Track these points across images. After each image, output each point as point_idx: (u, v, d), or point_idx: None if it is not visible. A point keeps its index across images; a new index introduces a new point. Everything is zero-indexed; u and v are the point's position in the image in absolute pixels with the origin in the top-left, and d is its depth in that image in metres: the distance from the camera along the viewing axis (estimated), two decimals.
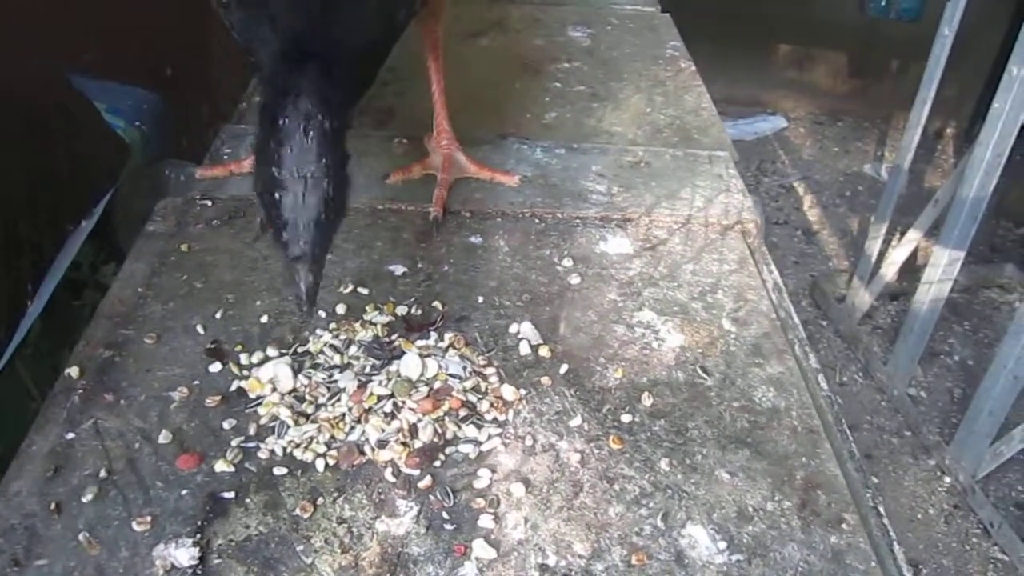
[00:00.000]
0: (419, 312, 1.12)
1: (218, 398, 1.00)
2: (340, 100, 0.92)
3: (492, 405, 0.99)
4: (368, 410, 0.97)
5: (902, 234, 2.83)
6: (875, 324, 2.98)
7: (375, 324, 1.09)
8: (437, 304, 1.13)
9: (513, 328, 1.10)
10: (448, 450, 0.94)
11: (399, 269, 1.19)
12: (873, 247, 2.80)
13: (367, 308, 1.12)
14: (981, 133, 2.25)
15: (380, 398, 0.98)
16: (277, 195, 0.86)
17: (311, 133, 0.86)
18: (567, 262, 1.22)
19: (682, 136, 1.54)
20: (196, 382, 1.02)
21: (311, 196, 0.86)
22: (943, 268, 2.42)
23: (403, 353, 1.03)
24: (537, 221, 1.30)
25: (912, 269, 2.88)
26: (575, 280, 1.19)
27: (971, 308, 3.06)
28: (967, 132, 3.80)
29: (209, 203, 1.30)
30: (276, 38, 0.95)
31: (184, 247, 1.22)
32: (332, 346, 1.05)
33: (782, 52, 4.09)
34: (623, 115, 1.59)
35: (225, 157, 1.39)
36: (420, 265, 1.20)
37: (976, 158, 2.27)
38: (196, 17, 2.16)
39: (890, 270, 2.80)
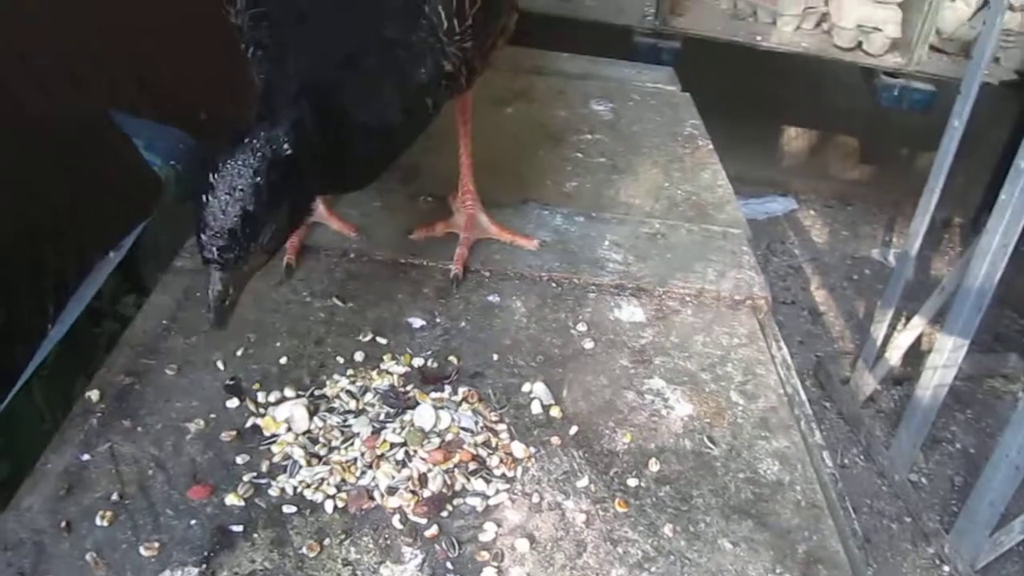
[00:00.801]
0: (435, 365, 1.14)
1: (233, 433, 1.02)
2: (319, 147, 0.95)
3: (502, 461, 1.01)
4: (380, 456, 0.99)
5: (908, 320, 2.86)
6: (878, 408, 2.99)
7: (392, 373, 1.11)
8: (453, 359, 1.16)
9: (526, 387, 1.12)
10: (456, 501, 0.96)
11: (418, 322, 1.22)
12: (878, 331, 2.83)
13: (384, 357, 1.14)
14: (988, 223, 2.29)
15: (392, 445, 1.00)
16: (205, 197, 0.89)
17: (259, 154, 0.90)
18: (581, 326, 1.25)
19: (698, 211, 1.58)
20: (213, 416, 1.04)
21: (232, 207, 0.88)
22: (947, 355, 2.45)
23: (418, 404, 1.05)
24: (554, 285, 1.33)
25: (917, 355, 2.89)
26: (588, 344, 1.22)
27: (974, 396, 3.07)
28: (974, 222, 3.85)
29: None
30: (286, 72, 0.99)
31: None
32: (349, 391, 1.08)
33: (795, 135, 4.17)
34: (641, 188, 1.64)
35: None
36: (438, 320, 1.23)
37: (982, 248, 2.31)
38: (232, 66, 2.24)
39: (895, 355, 2.83)
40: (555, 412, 1.09)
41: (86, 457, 0.97)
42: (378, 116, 1.03)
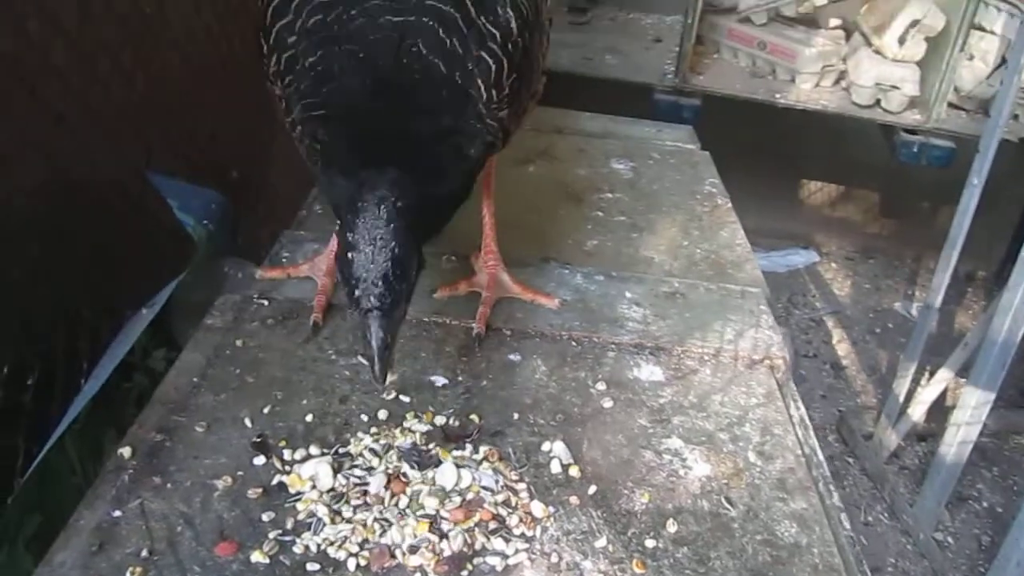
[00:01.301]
0: (457, 423, 1.17)
1: (260, 490, 1.04)
2: (413, 203, 1.03)
3: (521, 520, 1.02)
4: (402, 514, 1.01)
5: (931, 374, 2.84)
6: (902, 464, 2.96)
7: (414, 432, 1.14)
8: (474, 417, 1.18)
9: (546, 446, 1.14)
10: (476, 560, 0.98)
11: (440, 380, 1.25)
12: (901, 386, 2.82)
13: (407, 415, 1.17)
14: (1011, 277, 2.29)
15: (414, 504, 1.02)
16: (350, 255, 0.99)
17: (383, 207, 1.00)
18: (600, 385, 1.27)
19: (716, 270, 1.61)
20: (240, 472, 1.07)
21: (380, 255, 0.98)
22: (971, 411, 2.43)
23: (440, 462, 1.08)
24: (574, 343, 1.36)
25: (941, 410, 2.87)
26: (607, 403, 1.24)
27: (1000, 454, 3.03)
28: (998, 275, 3.84)
29: (266, 302, 1.37)
30: (359, 146, 1.07)
31: (239, 342, 1.28)
32: (372, 449, 1.10)
33: (815, 188, 4.21)
34: (661, 246, 1.67)
35: (284, 260, 1.47)
36: (460, 378, 1.26)
37: (1006, 302, 2.31)
38: (262, 128, 2.31)
39: (918, 410, 2.81)
40: (574, 471, 1.11)
41: (117, 513, 1.00)
42: (446, 189, 1.12)
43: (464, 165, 1.13)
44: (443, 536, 0.99)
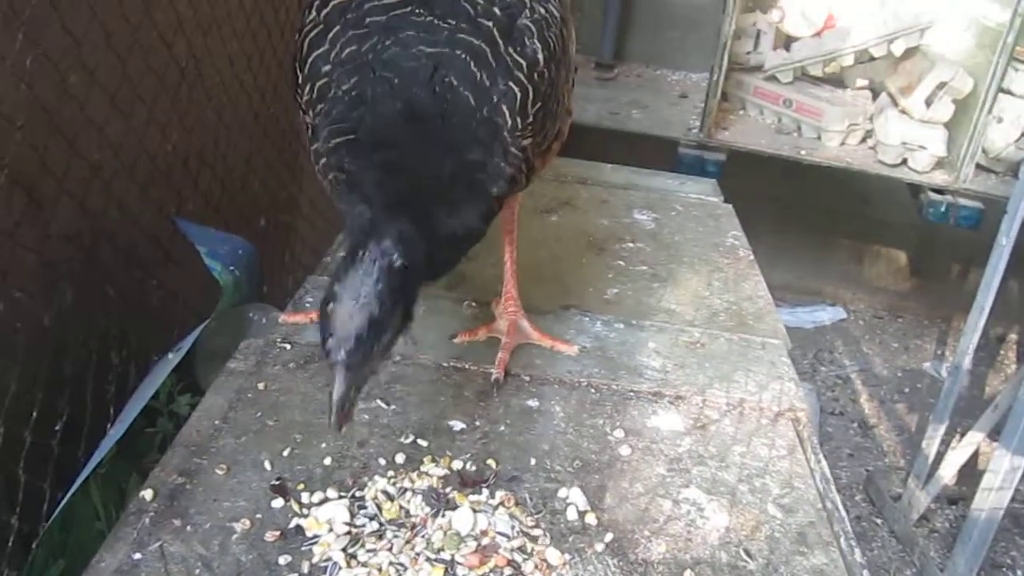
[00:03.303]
0: (474, 468, 1.17)
1: (277, 533, 1.04)
2: (423, 256, 1.04)
3: (536, 567, 1.02)
4: (417, 557, 1.01)
5: (962, 436, 2.79)
6: (932, 527, 2.89)
7: (431, 476, 1.14)
8: (491, 462, 1.18)
9: (562, 492, 1.14)
10: None
11: (458, 425, 1.25)
12: (931, 447, 2.76)
13: (425, 460, 1.17)
14: None
15: (430, 548, 1.02)
16: (331, 306, 0.99)
17: (377, 264, 0.99)
18: (619, 433, 1.27)
19: (738, 321, 1.61)
20: (259, 516, 1.07)
21: (359, 313, 0.98)
22: (1003, 476, 2.37)
23: (456, 506, 1.07)
24: (592, 391, 1.36)
25: (972, 473, 2.81)
26: (625, 451, 1.23)
27: None
28: None
29: (288, 346, 1.39)
30: (377, 194, 1.07)
31: (261, 385, 1.30)
32: (388, 493, 1.10)
33: (843, 245, 4.19)
34: (682, 296, 1.67)
35: (307, 305, 1.49)
36: (478, 423, 1.26)
37: None
38: (290, 175, 2.37)
39: (948, 472, 2.75)
40: (591, 519, 1.10)
41: (138, 556, 1.00)
42: (464, 227, 1.12)
43: (485, 203, 1.14)
44: None
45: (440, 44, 1.10)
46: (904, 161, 3.25)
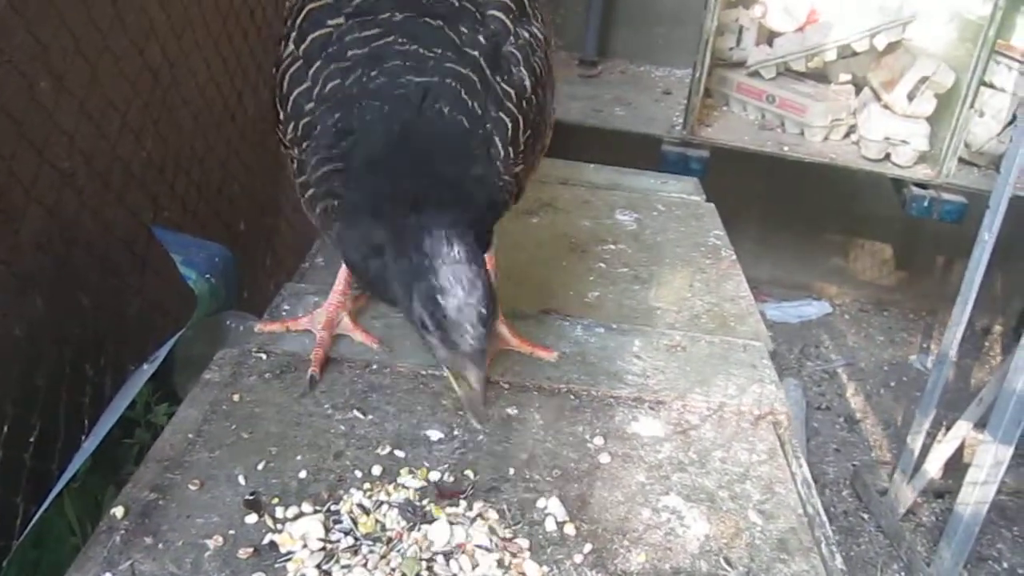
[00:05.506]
0: (451, 479, 1.15)
1: (251, 550, 1.03)
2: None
3: None
4: (392, 572, 0.99)
5: (947, 429, 2.79)
6: (919, 521, 2.89)
7: (408, 488, 1.12)
8: (469, 472, 1.16)
9: (541, 503, 1.12)
10: None
11: (436, 434, 1.23)
12: (916, 441, 2.76)
13: (402, 471, 1.16)
14: None
15: (406, 563, 1.00)
16: (440, 299, 0.99)
17: (455, 245, 1.00)
18: (598, 440, 1.25)
19: (719, 323, 1.60)
20: (231, 532, 1.05)
21: (471, 296, 0.99)
22: (988, 469, 2.38)
23: (433, 519, 1.06)
24: (572, 397, 1.34)
25: (958, 466, 2.81)
26: (605, 459, 1.22)
27: (1020, 513, 2.96)
28: (1015, 330, 3.80)
29: (264, 356, 1.37)
30: (401, 193, 1.07)
31: (236, 397, 1.28)
32: (363, 506, 1.09)
33: (828, 240, 4.19)
34: (663, 298, 1.66)
35: (284, 314, 1.47)
36: (456, 432, 1.24)
37: (1020, 359, 2.27)
38: (269, 177, 2.34)
39: (934, 466, 2.75)
40: (569, 529, 1.09)
41: (108, 575, 0.99)
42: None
43: (493, 215, 1.16)
44: None
45: (427, 73, 1.09)
46: (887, 156, 3.25)
